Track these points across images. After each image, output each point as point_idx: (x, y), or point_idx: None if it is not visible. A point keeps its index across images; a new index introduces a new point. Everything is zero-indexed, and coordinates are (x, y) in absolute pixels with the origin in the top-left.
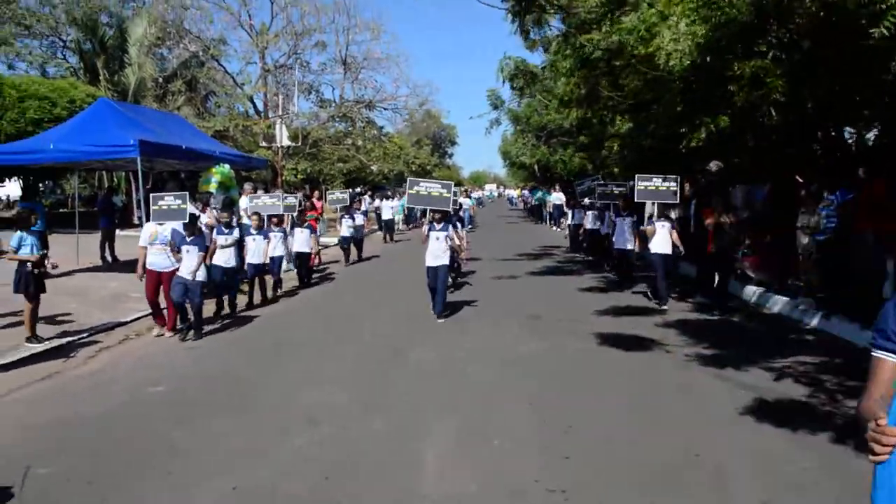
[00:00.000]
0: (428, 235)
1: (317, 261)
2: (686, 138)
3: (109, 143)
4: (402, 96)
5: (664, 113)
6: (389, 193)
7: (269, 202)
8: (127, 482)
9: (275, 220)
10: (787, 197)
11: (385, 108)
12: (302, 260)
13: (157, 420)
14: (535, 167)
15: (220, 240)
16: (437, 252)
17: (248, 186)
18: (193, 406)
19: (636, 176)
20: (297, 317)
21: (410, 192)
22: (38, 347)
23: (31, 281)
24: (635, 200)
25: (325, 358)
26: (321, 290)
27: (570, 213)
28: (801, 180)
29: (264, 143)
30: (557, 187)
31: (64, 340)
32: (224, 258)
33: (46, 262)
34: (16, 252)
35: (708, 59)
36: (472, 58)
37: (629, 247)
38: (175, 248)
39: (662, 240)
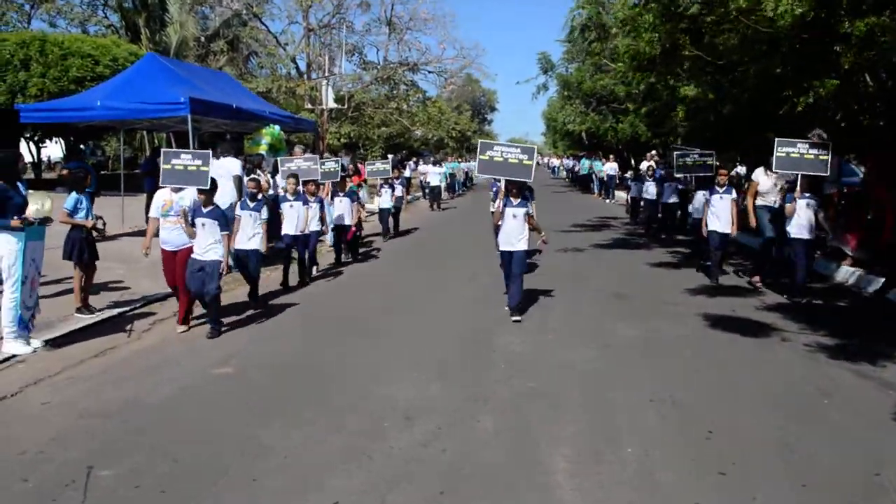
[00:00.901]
0: (503, 213)
1: (358, 232)
2: (788, 102)
3: (159, 100)
4: (449, 58)
5: (762, 74)
6: (435, 159)
7: (305, 165)
8: (206, 491)
9: (311, 187)
10: (891, 170)
11: (430, 72)
12: (340, 233)
13: (232, 411)
14: (583, 135)
15: (245, 218)
16: (513, 233)
17: (298, 149)
18: (269, 395)
19: (776, 140)
20: (350, 296)
21: (482, 157)
22: (90, 319)
23: (85, 248)
24: (774, 170)
25: (398, 342)
26: (366, 268)
27: (631, 185)
28: None
29: (309, 106)
30: (612, 157)
31: (115, 311)
32: (246, 238)
33: (100, 232)
34: (70, 215)
35: (822, 14)
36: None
37: (727, 229)
38: (188, 219)
39: (805, 222)
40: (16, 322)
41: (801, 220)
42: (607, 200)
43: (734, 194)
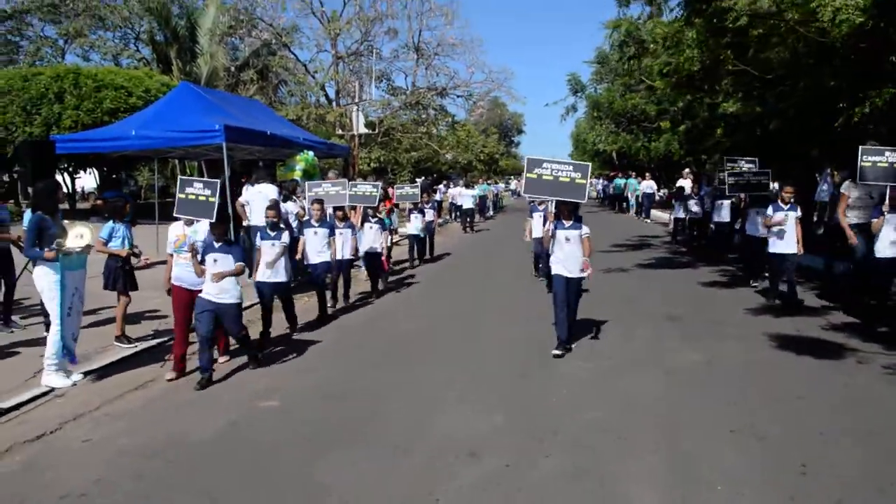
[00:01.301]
0: (554, 236)
1: (384, 261)
2: (843, 114)
3: (193, 128)
4: (477, 82)
5: (813, 86)
6: (466, 181)
7: (334, 191)
8: None
9: (339, 213)
10: None
11: (459, 95)
12: (371, 261)
13: (283, 448)
14: (614, 155)
15: (265, 249)
16: (570, 258)
17: (332, 174)
18: (320, 429)
19: (860, 149)
20: (389, 324)
21: (529, 175)
22: (128, 349)
23: (120, 276)
24: (858, 181)
25: (449, 371)
26: (401, 296)
27: (675, 204)
28: None
29: (340, 131)
30: (647, 175)
31: (154, 342)
32: (269, 271)
33: (137, 258)
34: (105, 244)
35: (881, 23)
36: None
37: (794, 249)
38: (196, 255)
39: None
40: (59, 355)
41: (891, 237)
42: (644, 220)
43: (799, 212)
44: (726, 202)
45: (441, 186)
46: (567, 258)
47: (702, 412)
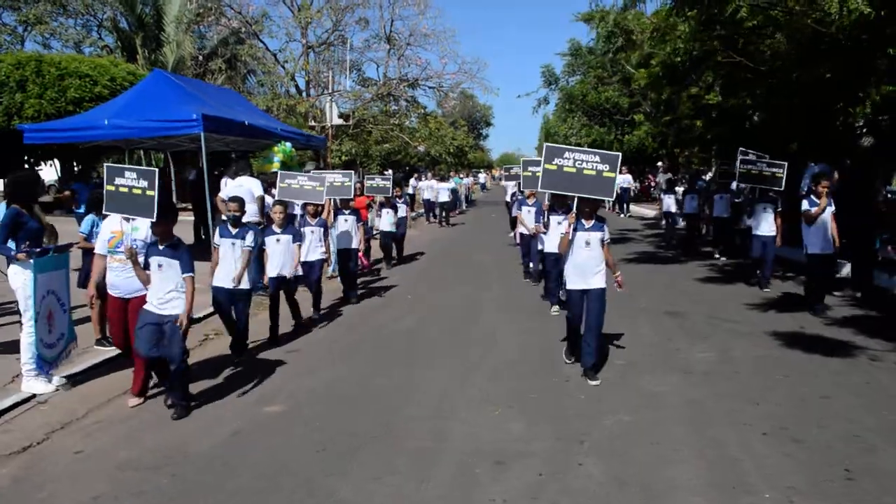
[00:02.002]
0: (572, 239)
1: (363, 262)
2: (842, 112)
3: (170, 117)
4: (450, 73)
5: (811, 80)
6: (442, 175)
7: (310, 186)
8: None
9: (310, 209)
10: None
11: (431, 87)
12: (345, 260)
13: (297, 458)
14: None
15: (225, 248)
16: (588, 266)
17: (310, 166)
18: (332, 437)
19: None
20: (389, 321)
21: (548, 166)
22: (111, 351)
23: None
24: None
25: (459, 373)
26: (380, 301)
27: (664, 198)
28: None
29: (313, 123)
30: (624, 169)
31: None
32: (228, 276)
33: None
34: (86, 239)
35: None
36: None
37: (831, 249)
38: (135, 258)
39: None
40: (34, 360)
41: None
42: (621, 215)
43: (833, 206)
44: (725, 196)
45: (413, 180)
46: (585, 265)
47: (729, 414)
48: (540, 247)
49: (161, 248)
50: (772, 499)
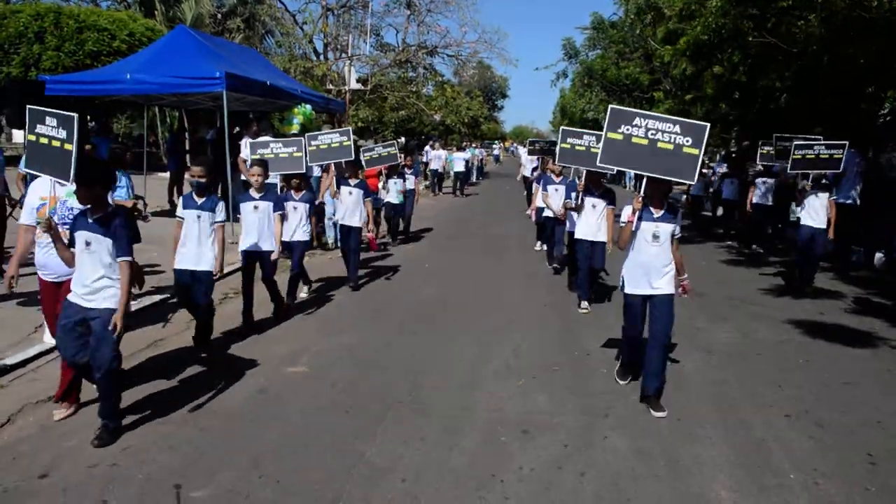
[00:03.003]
0: (636, 230)
1: (371, 241)
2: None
3: (193, 74)
4: (470, 42)
5: (843, 61)
6: (460, 144)
7: (286, 152)
8: None
9: (294, 182)
10: None
11: (449, 55)
12: (347, 239)
13: (324, 420)
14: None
15: (190, 222)
16: (654, 266)
17: (326, 129)
18: (359, 400)
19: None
20: (410, 289)
21: (611, 135)
22: (132, 306)
23: None
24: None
25: (482, 345)
26: (398, 273)
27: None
28: None
29: (330, 86)
30: None
31: (156, 298)
32: (194, 256)
33: (140, 213)
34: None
35: None
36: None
37: None
38: (55, 232)
39: None
40: None
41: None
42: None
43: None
44: (769, 182)
45: (428, 147)
46: (651, 264)
47: (753, 395)
48: (569, 228)
49: (90, 220)
50: (797, 480)
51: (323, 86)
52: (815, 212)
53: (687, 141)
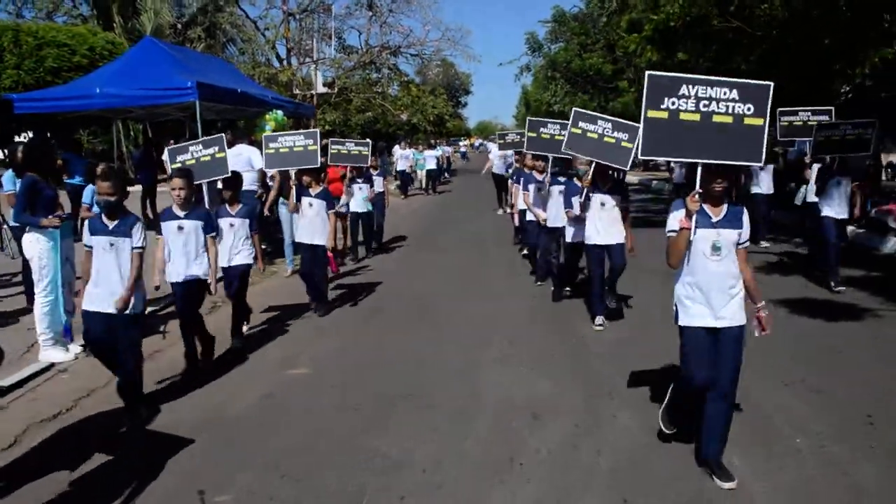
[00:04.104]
0: (693, 239)
1: (336, 260)
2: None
3: (164, 85)
4: (433, 40)
5: (808, 42)
6: (432, 143)
7: (207, 155)
8: None
9: (227, 194)
10: None
11: (413, 54)
12: (307, 261)
13: (333, 419)
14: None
15: (98, 250)
16: (722, 286)
17: None
18: (365, 398)
19: None
20: (399, 286)
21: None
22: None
23: None
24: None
25: (476, 333)
26: (384, 270)
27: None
28: None
29: (296, 91)
30: None
31: (147, 309)
32: (109, 295)
33: None
34: (90, 209)
35: None
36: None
37: None
38: None
39: None
40: (52, 328)
41: None
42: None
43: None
44: (769, 167)
45: (397, 147)
46: (714, 286)
47: (747, 368)
48: (570, 238)
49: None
50: (803, 443)
51: (289, 91)
52: (836, 202)
53: (748, 109)
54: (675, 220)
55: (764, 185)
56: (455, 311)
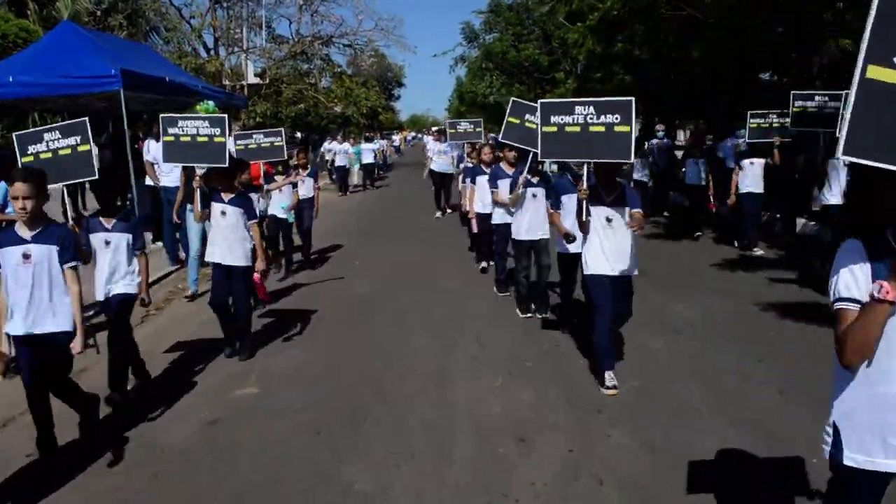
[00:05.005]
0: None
1: (257, 285)
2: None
3: (85, 73)
4: (367, 30)
5: (761, 30)
6: (367, 136)
7: (66, 148)
8: None
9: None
10: None
11: (346, 45)
12: (221, 289)
13: (293, 447)
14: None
15: (8, 269)
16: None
17: (236, 126)
18: (323, 416)
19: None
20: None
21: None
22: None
23: None
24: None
25: (438, 337)
26: (330, 271)
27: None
28: None
29: (226, 82)
30: None
31: None
32: (31, 320)
33: None
34: (2, 210)
35: None
36: None
37: None
38: None
39: None
40: None
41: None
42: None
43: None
44: (759, 162)
45: (330, 142)
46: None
47: (739, 374)
48: (516, 237)
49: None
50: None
51: (218, 82)
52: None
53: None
54: (619, 227)
55: (753, 181)
56: (411, 312)
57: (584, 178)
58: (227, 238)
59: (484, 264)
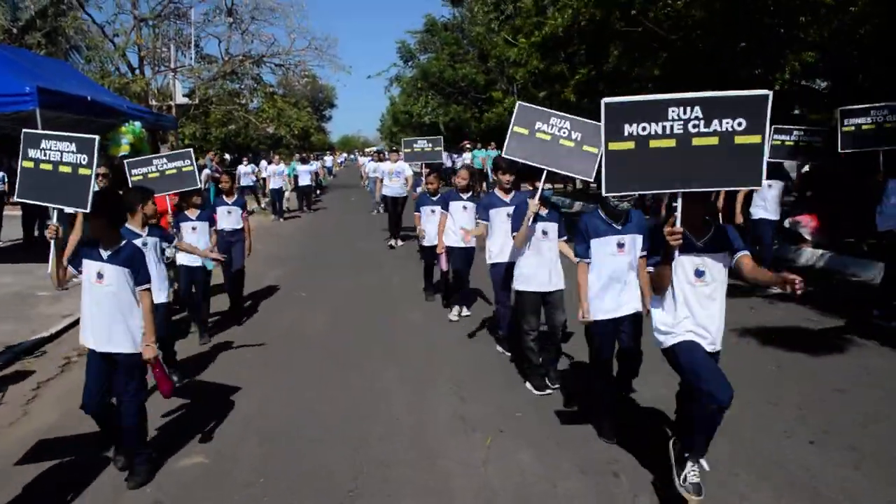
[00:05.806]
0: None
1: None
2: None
3: None
4: (300, 49)
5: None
6: (303, 157)
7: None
8: None
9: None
10: None
11: (278, 64)
12: (117, 390)
13: None
14: (442, 127)
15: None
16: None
17: (165, 149)
18: (294, 496)
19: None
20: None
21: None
22: None
23: None
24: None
25: (410, 386)
26: (277, 308)
27: None
28: None
29: (153, 102)
30: (493, 145)
31: None
32: None
33: None
34: None
35: None
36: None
37: None
38: None
39: None
40: None
41: None
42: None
43: None
44: (778, 185)
45: (265, 163)
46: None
47: (757, 419)
48: (520, 286)
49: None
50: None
51: (144, 102)
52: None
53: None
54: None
55: (770, 206)
56: (374, 354)
57: (679, 213)
58: (105, 312)
59: (392, 242)
